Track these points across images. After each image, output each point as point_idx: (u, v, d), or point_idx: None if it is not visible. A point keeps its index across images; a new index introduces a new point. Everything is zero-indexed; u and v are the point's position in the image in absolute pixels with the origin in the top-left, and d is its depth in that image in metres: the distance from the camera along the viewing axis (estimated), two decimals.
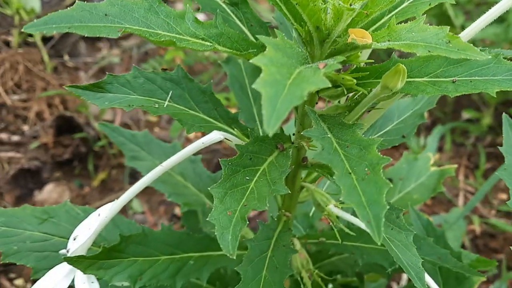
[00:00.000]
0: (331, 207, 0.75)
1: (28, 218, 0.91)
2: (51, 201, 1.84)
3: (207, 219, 0.60)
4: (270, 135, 0.43)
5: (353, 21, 0.63)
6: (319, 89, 0.67)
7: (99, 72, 2.37)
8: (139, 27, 0.60)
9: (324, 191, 0.79)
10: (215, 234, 0.59)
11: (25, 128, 2.09)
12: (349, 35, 0.60)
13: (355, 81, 0.66)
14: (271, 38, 0.53)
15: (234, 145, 0.70)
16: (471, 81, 0.63)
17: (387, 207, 0.51)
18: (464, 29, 0.72)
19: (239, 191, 0.61)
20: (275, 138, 0.71)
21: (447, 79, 0.64)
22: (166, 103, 0.77)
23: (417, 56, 0.66)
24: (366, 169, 0.55)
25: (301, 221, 1.08)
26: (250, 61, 0.50)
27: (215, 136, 0.74)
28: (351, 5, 0.58)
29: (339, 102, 0.74)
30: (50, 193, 1.87)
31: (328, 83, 0.48)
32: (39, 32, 0.55)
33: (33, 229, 0.91)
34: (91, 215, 0.79)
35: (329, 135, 0.62)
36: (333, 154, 0.58)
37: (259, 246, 0.78)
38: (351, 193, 0.53)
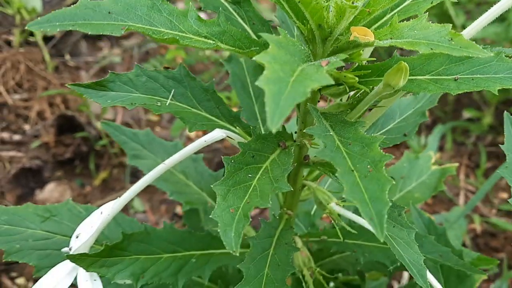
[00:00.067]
0: (333, 205, 0.75)
1: (30, 216, 0.92)
2: (52, 200, 1.84)
3: (209, 217, 0.60)
4: (273, 132, 0.43)
5: (355, 19, 0.63)
6: (321, 87, 0.67)
7: (100, 71, 2.37)
8: (142, 25, 0.60)
9: (325, 189, 0.79)
10: (217, 232, 0.59)
11: (27, 127, 2.09)
12: (351, 33, 0.60)
13: (357, 79, 0.66)
14: (273, 35, 0.53)
15: (236, 143, 0.70)
16: (473, 79, 0.63)
17: (390, 204, 0.51)
18: (465, 28, 0.72)
19: (241, 188, 0.61)
20: (277, 136, 0.71)
21: (449, 77, 0.64)
22: (168, 101, 0.77)
23: (419, 54, 0.66)
24: (368, 167, 0.55)
25: (302, 219, 1.08)
26: (253, 59, 0.50)
27: (217, 134, 0.74)
28: (354, 3, 0.58)
29: (341, 100, 0.75)
30: (51, 192, 1.87)
31: (331, 81, 0.48)
32: (41, 30, 0.55)
33: (35, 228, 0.91)
34: (93, 213, 0.79)
35: (331, 133, 0.62)
36: (335, 151, 0.58)
37: (261, 244, 0.78)
38: (353, 190, 0.53)
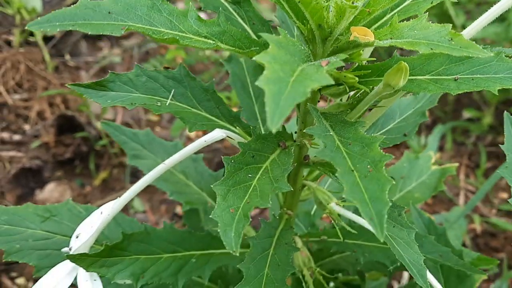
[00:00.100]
0: (333, 205, 0.75)
1: (30, 216, 0.92)
2: (52, 200, 1.84)
3: (209, 217, 0.60)
4: (273, 132, 0.43)
5: (355, 19, 0.63)
6: (321, 87, 0.67)
7: (100, 71, 2.37)
8: (142, 25, 0.60)
9: (325, 189, 0.79)
10: (217, 232, 0.59)
11: (27, 127, 2.09)
12: (351, 33, 0.60)
13: (357, 79, 0.66)
14: (273, 35, 0.53)
15: (236, 143, 0.70)
16: (473, 79, 0.63)
17: (390, 204, 0.51)
18: (465, 28, 0.72)
19: (241, 188, 0.61)
20: (277, 136, 0.71)
21: (449, 77, 0.64)
22: (168, 101, 0.77)
23: (419, 54, 0.66)
24: (368, 166, 0.55)
25: (302, 219, 1.08)
26: (253, 59, 0.50)
27: (217, 134, 0.74)
28: (354, 3, 0.58)
29: (341, 100, 0.75)
30: (51, 192, 1.87)
31: (331, 80, 0.48)
32: (41, 30, 0.55)
33: (35, 227, 0.91)
34: (93, 213, 0.79)
35: (331, 133, 0.62)
36: (335, 151, 0.58)
37: (261, 244, 0.78)
38: (353, 190, 0.53)
